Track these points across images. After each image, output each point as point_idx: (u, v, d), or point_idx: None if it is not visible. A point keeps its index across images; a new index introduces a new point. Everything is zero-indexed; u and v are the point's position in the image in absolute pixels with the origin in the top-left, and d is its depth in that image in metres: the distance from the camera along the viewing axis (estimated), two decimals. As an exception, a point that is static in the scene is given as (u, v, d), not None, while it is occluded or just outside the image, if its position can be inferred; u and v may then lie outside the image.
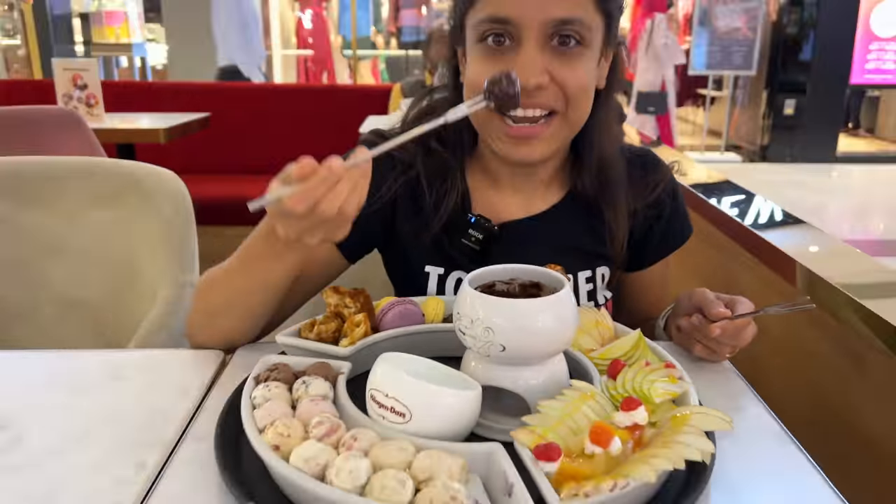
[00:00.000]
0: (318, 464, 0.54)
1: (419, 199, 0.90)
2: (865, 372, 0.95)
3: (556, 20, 0.77)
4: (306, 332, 0.76)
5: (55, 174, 1.33)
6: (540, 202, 0.93)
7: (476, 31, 0.81)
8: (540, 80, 0.78)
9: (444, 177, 0.90)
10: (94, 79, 2.64)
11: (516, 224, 0.91)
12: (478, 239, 0.88)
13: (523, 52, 0.78)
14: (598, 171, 0.90)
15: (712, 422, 0.60)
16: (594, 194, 0.91)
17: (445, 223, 0.89)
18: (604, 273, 0.94)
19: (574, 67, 0.80)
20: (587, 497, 0.51)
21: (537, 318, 0.63)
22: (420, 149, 0.91)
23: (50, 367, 0.82)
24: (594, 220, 0.93)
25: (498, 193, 0.93)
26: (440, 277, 0.91)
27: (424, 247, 0.90)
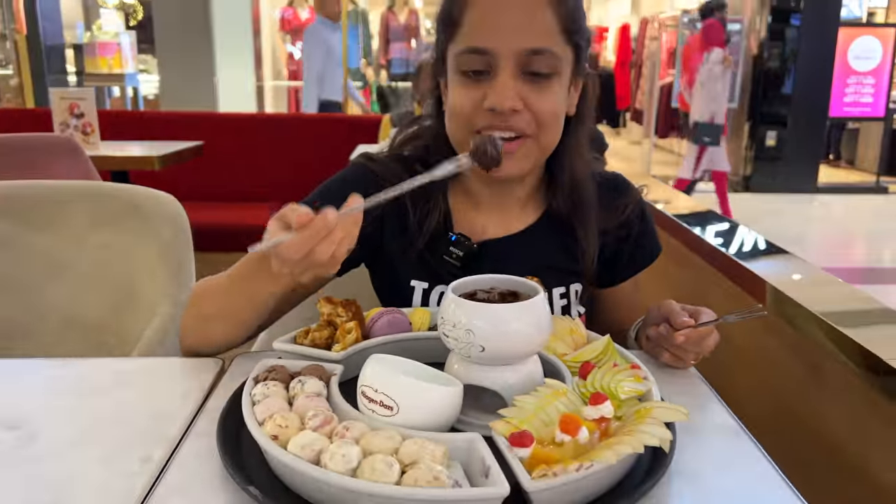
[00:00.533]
0: (313, 450, 0.60)
1: (404, 219, 0.96)
2: (822, 379, 1.02)
3: (529, 50, 0.84)
4: (301, 338, 0.82)
5: (58, 198, 1.39)
6: (517, 222, 0.99)
7: (456, 61, 0.88)
8: (514, 105, 0.85)
9: (427, 198, 0.96)
10: (91, 108, 2.71)
11: (495, 242, 0.97)
12: (459, 256, 0.94)
13: (499, 79, 0.85)
14: (571, 191, 0.97)
15: (671, 414, 0.66)
16: (567, 213, 0.98)
17: (429, 241, 0.95)
18: (577, 289, 1.00)
19: (545, 95, 0.87)
20: (555, 476, 0.57)
21: (513, 322, 0.69)
22: (405, 172, 0.95)
23: (57, 373, 0.87)
24: (567, 239, 0.99)
25: (478, 213, 0.99)
26: (424, 291, 0.97)
27: (410, 262, 0.96)
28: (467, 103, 0.87)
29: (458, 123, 0.90)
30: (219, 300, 0.88)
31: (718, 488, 0.65)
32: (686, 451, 0.69)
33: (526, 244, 0.98)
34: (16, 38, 7.01)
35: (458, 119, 0.89)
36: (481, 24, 0.86)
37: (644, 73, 9.32)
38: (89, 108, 2.70)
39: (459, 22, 0.88)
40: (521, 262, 0.96)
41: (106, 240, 1.37)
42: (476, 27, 0.86)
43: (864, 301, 1.08)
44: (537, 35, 0.85)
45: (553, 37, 0.86)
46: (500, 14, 0.85)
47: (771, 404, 1.18)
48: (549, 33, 0.86)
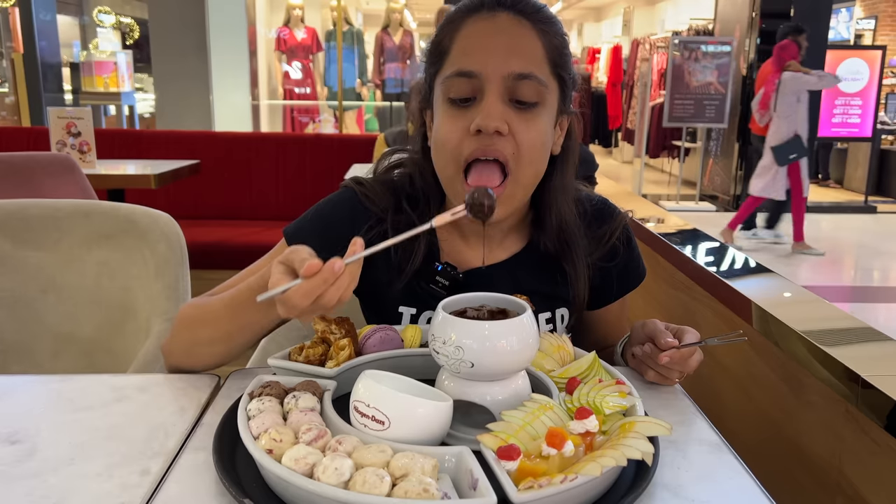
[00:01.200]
0: (307, 463, 0.62)
1: (389, 252, 0.95)
2: (804, 396, 1.04)
3: (515, 73, 0.86)
4: (295, 355, 0.84)
5: (54, 216, 1.41)
6: (501, 251, 1.00)
7: (444, 87, 0.89)
8: (499, 126, 0.85)
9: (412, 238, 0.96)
10: (88, 127, 2.73)
11: (479, 271, 0.98)
12: (444, 285, 0.95)
13: (486, 101, 0.86)
14: (558, 232, 0.98)
15: (654, 428, 0.68)
16: (553, 251, 0.99)
17: (416, 270, 0.96)
18: (563, 314, 1.01)
19: (530, 123, 0.88)
20: (541, 488, 0.59)
21: (502, 338, 0.72)
22: (392, 206, 0.98)
23: (54, 388, 0.89)
24: (552, 266, 1.00)
25: (464, 244, 1.00)
26: (412, 316, 0.98)
27: (397, 291, 0.98)
28: (455, 131, 0.88)
29: (446, 155, 0.90)
30: (210, 327, 0.90)
31: (701, 501, 0.67)
32: (669, 465, 0.72)
33: (510, 272, 0.99)
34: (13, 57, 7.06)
35: (445, 150, 0.89)
36: (470, 48, 0.88)
37: (635, 94, 9.43)
38: (86, 127, 2.73)
39: (448, 50, 0.90)
40: (505, 290, 0.95)
41: (102, 258, 1.39)
42: (464, 52, 0.88)
43: (846, 319, 1.11)
44: (524, 60, 0.87)
45: (539, 64, 0.88)
46: (489, 39, 0.87)
47: (754, 420, 1.20)
48: (535, 60, 0.88)
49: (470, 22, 0.89)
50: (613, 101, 10.12)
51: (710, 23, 8.35)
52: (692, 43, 7.29)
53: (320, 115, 7.54)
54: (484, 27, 0.88)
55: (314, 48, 7.33)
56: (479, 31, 0.88)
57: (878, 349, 0.99)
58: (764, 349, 1.15)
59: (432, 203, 0.99)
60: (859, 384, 0.87)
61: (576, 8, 14.78)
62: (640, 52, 9.47)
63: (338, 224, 0.98)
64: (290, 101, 7.39)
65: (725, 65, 7.17)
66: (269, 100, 7.55)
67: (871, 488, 0.89)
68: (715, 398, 1.35)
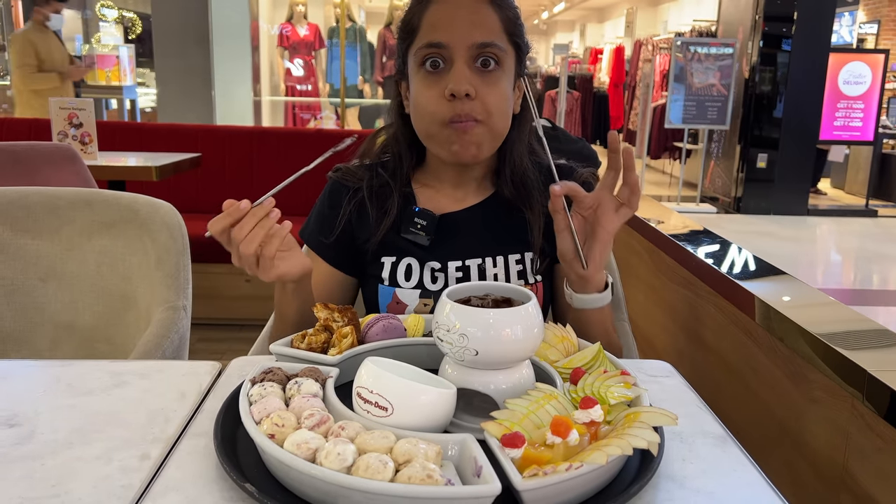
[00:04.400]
0: (309, 448, 0.61)
1: (367, 216, 1.10)
2: (809, 391, 1.04)
3: (479, 43, 0.99)
4: (298, 342, 0.84)
5: (55, 204, 1.40)
6: (472, 198, 1.12)
7: (416, 57, 1.01)
8: (468, 89, 0.97)
9: (386, 196, 1.09)
10: (90, 118, 2.72)
11: (454, 214, 1.10)
12: (422, 225, 1.07)
13: (455, 68, 0.98)
14: (512, 177, 1.09)
15: (659, 418, 0.67)
16: (511, 197, 1.10)
17: (394, 221, 1.08)
18: (532, 258, 1.09)
19: (493, 86, 1.00)
20: (546, 476, 0.58)
21: (506, 326, 0.71)
22: (367, 173, 1.13)
23: (54, 373, 0.88)
24: (517, 214, 1.10)
25: (439, 193, 1.12)
26: (392, 264, 1.08)
27: (377, 242, 1.08)
28: (432, 97, 1.00)
29: (425, 117, 1.02)
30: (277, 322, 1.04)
31: (707, 493, 0.66)
32: (674, 457, 0.71)
33: (481, 215, 1.10)
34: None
35: (425, 112, 1.01)
36: (437, 23, 1.00)
37: (637, 95, 9.42)
38: (88, 118, 2.72)
39: (418, 27, 1.01)
40: (477, 230, 1.09)
41: (102, 246, 1.39)
42: (432, 27, 1.00)
43: (851, 315, 1.10)
44: (485, 31, 0.99)
45: (497, 34, 1.00)
46: (453, 14, 1.00)
47: (757, 417, 1.20)
48: (494, 30, 1.00)
49: (435, 2, 1.01)
50: (615, 102, 10.11)
51: (712, 24, 8.34)
52: (695, 44, 7.28)
53: (322, 112, 7.53)
54: (447, 5, 1.00)
55: (317, 45, 7.32)
56: (445, 8, 1.00)
57: (884, 344, 0.98)
58: (767, 345, 1.15)
59: (405, 163, 1.12)
60: (865, 379, 0.86)
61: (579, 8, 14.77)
62: (643, 52, 9.46)
63: (332, 209, 1.12)
64: (291, 97, 7.38)
65: (728, 66, 7.17)
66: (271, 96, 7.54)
67: (878, 484, 0.88)
68: (717, 394, 1.34)
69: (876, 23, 11.01)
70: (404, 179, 1.11)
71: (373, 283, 1.09)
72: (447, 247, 1.07)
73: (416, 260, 1.07)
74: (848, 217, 7.30)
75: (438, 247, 1.07)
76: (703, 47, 7.24)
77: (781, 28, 6.99)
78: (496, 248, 1.08)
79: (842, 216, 7.34)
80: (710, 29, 8.36)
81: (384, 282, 1.07)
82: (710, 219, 7.04)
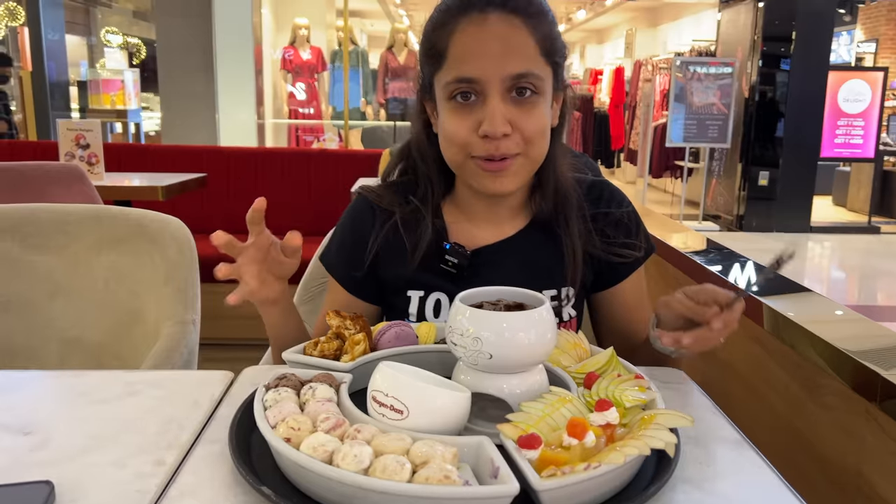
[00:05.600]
0: (326, 451, 0.61)
1: (400, 242, 1.02)
2: (819, 396, 1.03)
3: (514, 75, 0.89)
4: (310, 349, 0.84)
5: (65, 220, 1.41)
6: (508, 228, 1.04)
7: (446, 90, 0.93)
8: (505, 130, 0.90)
9: (417, 224, 1.02)
10: (97, 139, 2.75)
11: (487, 248, 1.02)
12: (454, 263, 0.99)
13: (489, 104, 0.90)
14: (555, 195, 1.02)
15: (675, 420, 0.67)
16: (550, 216, 1.02)
17: (424, 254, 1.00)
18: (568, 293, 1.03)
19: (532, 116, 0.92)
20: (564, 475, 0.58)
21: (520, 330, 0.71)
22: (398, 200, 1.04)
23: (68, 383, 0.88)
24: (555, 243, 1.02)
25: (472, 225, 1.04)
26: (420, 299, 1.02)
27: (406, 276, 1.02)
28: (462, 130, 0.92)
29: (454, 149, 0.95)
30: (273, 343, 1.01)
31: (724, 495, 0.66)
32: (691, 461, 0.71)
33: (516, 248, 1.02)
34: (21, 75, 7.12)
35: (454, 145, 0.94)
36: (466, 54, 0.91)
37: (638, 115, 9.48)
38: (95, 140, 2.74)
39: (444, 53, 0.92)
40: (512, 265, 1.01)
41: (111, 262, 1.39)
42: (461, 58, 0.91)
43: (860, 321, 1.10)
44: (520, 60, 0.90)
45: (534, 60, 0.91)
46: (483, 44, 0.90)
47: (768, 424, 1.19)
48: (529, 57, 0.91)
49: (463, 24, 0.91)
50: (616, 122, 10.17)
51: (712, 44, 8.42)
52: (694, 64, 7.35)
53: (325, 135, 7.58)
54: (477, 31, 0.91)
55: (319, 68, 7.40)
56: (473, 35, 0.91)
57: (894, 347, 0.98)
58: (777, 352, 1.15)
59: (436, 189, 1.04)
60: (879, 383, 0.86)
61: (579, 30, 14.92)
62: (643, 73, 9.54)
63: (360, 227, 1.05)
64: (295, 120, 7.44)
65: (728, 85, 7.22)
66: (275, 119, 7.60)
67: (893, 488, 0.87)
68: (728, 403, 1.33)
69: (874, 41, 11.10)
70: (436, 209, 1.04)
71: (398, 317, 1.02)
72: (479, 283, 0.95)
73: (445, 295, 1.00)
74: (850, 234, 7.31)
75: (470, 283, 0.95)
76: (702, 67, 7.31)
77: (780, 48, 7.06)
78: (531, 284, 0.95)
79: (844, 233, 7.34)
80: (709, 49, 8.44)
81: (411, 317, 1.02)
82: (713, 237, 7.01)
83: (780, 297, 1.27)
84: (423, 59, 0.98)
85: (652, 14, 11.83)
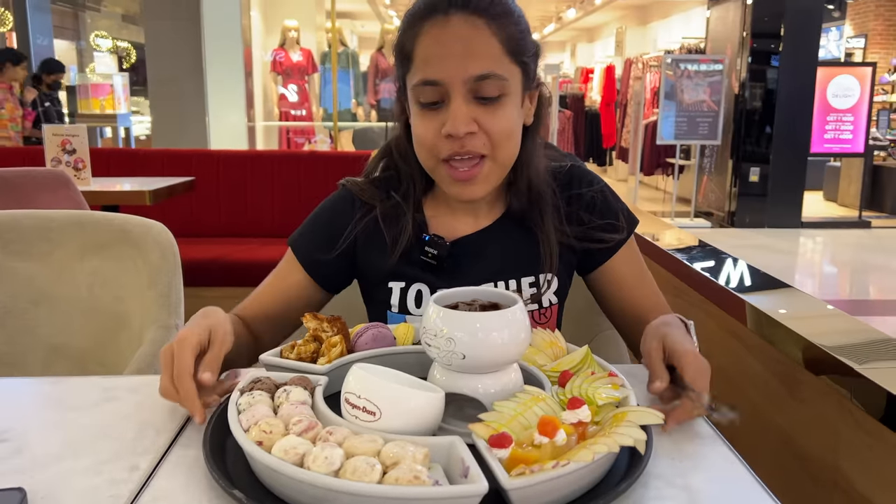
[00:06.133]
0: (297, 453, 0.61)
1: (380, 235, 1.04)
2: (799, 393, 1.04)
3: (475, 76, 0.90)
4: (287, 352, 0.84)
5: (48, 226, 1.41)
6: (485, 219, 1.05)
7: (413, 93, 0.94)
8: (468, 129, 0.91)
9: (398, 219, 1.03)
10: (83, 144, 2.74)
11: (466, 239, 1.04)
12: (434, 255, 1.01)
13: (452, 106, 0.91)
14: (528, 193, 1.02)
15: (647, 416, 0.68)
16: (523, 212, 1.03)
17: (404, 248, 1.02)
18: (548, 278, 1.03)
19: (496, 115, 0.92)
20: (532, 474, 0.58)
21: (493, 330, 0.72)
22: (380, 195, 1.06)
23: (45, 390, 0.88)
24: (532, 231, 1.04)
25: (452, 217, 1.06)
26: (402, 290, 1.03)
27: (388, 269, 1.03)
28: (428, 133, 0.93)
29: (423, 152, 0.97)
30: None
31: (695, 490, 0.66)
32: (663, 456, 0.71)
33: (494, 237, 1.04)
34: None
35: (422, 148, 0.96)
36: (430, 57, 0.91)
37: (629, 113, 9.50)
38: (81, 144, 2.74)
39: (412, 56, 0.93)
40: (491, 254, 1.03)
41: (94, 268, 1.39)
42: (425, 60, 0.92)
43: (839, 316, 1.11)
44: (482, 61, 0.90)
45: (497, 60, 0.91)
46: (446, 46, 0.90)
47: (749, 419, 1.20)
48: (492, 58, 0.91)
49: (427, 27, 0.92)
50: (607, 120, 10.19)
51: (701, 41, 8.44)
52: (684, 61, 7.37)
53: (316, 136, 7.58)
54: (439, 33, 0.91)
55: (310, 69, 7.39)
56: (436, 37, 0.91)
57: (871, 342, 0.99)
58: (758, 348, 1.15)
59: (417, 185, 1.05)
60: (852, 376, 0.87)
61: (569, 29, 14.95)
62: (633, 71, 9.56)
63: (339, 217, 1.06)
64: (286, 122, 7.43)
65: (717, 82, 7.24)
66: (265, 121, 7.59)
67: (869, 481, 0.88)
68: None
69: (863, 37, 11.15)
70: (417, 204, 1.05)
71: (380, 309, 1.04)
72: (459, 272, 1.01)
73: (426, 286, 1.01)
74: (841, 229, 7.34)
75: (450, 272, 1.01)
76: (692, 64, 7.33)
77: (769, 44, 7.08)
78: (509, 272, 1.02)
79: (835, 228, 7.37)
80: (698, 46, 8.46)
81: (393, 308, 1.03)
82: (705, 233, 7.06)
83: (761, 294, 1.28)
84: (396, 61, 0.99)
85: (642, 12, 11.86)
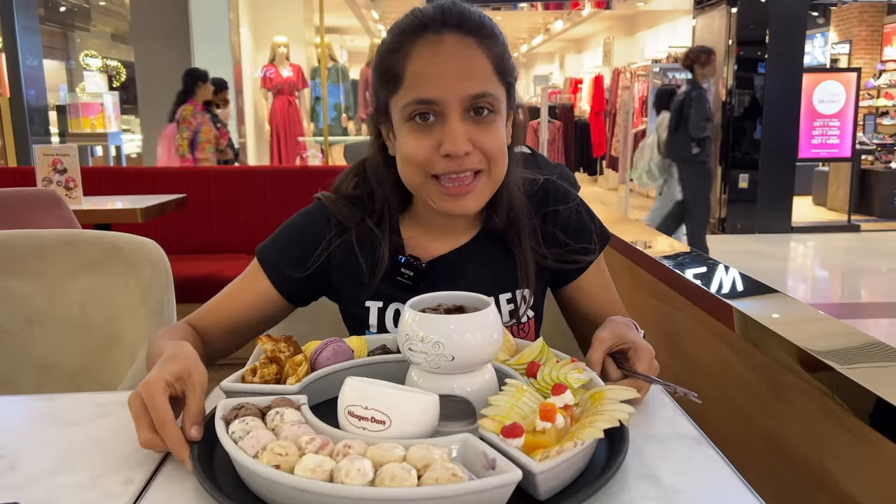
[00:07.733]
0: (324, 470, 0.60)
1: (355, 259, 1.03)
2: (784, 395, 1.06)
3: (472, 95, 0.91)
4: (249, 377, 0.83)
5: (40, 245, 1.41)
6: (461, 238, 1.06)
7: (403, 112, 0.93)
8: (466, 148, 0.92)
9: (373, 246, 1.03)
10: (74, 163, 2.75)
11: (442, 258, 1.04)
12: (410, 276, 1.01)
13: (449, 125, 0.91)
14: (508, 212, 1.03)
15: (622, 392, 0.73)
16: (502, 230, 1.04)
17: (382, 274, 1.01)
18: (524, 294, 1.04)
19: (490, 133, 0.94)
20: (559, 454, 0.62)
21: (477, 330, 0.75)
22: (355, 216, 1.04)
23: (39, 407, 0.89)
24: (508, 250, 1.05)
25: (428, 237, 1.05)
26: (379, 310, 1.03)
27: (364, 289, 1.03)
28: (421, 149, 0.93)
29: (413, 169, 0.95)
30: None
31: (681, 491, 0.68)
32: (649, 457, 0.73)
33: (470, 256, 1.05)
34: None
35: (412, 165, 0.95)
36: (424, 76, 0.92)
37: (618, 122, 9.57)
38: (72, 164, 2.74)
39: (401, 76, 0.93)
40: (467, 272, 1.04)
41: (86, 286, 1.39)
42: (419, 79, 0.92)
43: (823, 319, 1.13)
44: (477, 81, 0.92)
45: (489, 80, 0.93)
46: (441, 65, 0.91)
47: (735, 422, 1.21)
48: (486, 78, 0.93)
49: (419, 46, 0.92)
50: (597, 130, 10.25)
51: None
52: (671, 70, 7.43)
53: (307, 151, 7.60)
54: (433, 52, 0.92)
55: (300, 85, 7.42)
56: (430, 56, 0.92)
57: (853, 343, 1.00)
58: (744, 352, 1.17)
59: (392, 212, 1.04)
60: (835, 377, 0.88)
61: (557, 40, 15.07)
62: (622, 80, 9.64)
63: (312, 232, 1.05)
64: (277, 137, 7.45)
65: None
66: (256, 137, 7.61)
67: (853, 480, 0.90)
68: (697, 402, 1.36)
69: (847, 42, 11.28)
70: (393, 227, 1.04)
71: (358, 329, 1.05)
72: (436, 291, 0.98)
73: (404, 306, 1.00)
74: (831, 233, 7.39)
75: (427, 292, 0.97)
76: (679, 72, 7.39)
77: (755, 52, 7.16)
78: (486, 290, 0.96)
79: (825, 232, 7.43)
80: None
81: (372, 328, 1.03)
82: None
83: (747, 299, 1.30)
84: (377, 82, 0.98)
85: (628, 22, 11.96)
